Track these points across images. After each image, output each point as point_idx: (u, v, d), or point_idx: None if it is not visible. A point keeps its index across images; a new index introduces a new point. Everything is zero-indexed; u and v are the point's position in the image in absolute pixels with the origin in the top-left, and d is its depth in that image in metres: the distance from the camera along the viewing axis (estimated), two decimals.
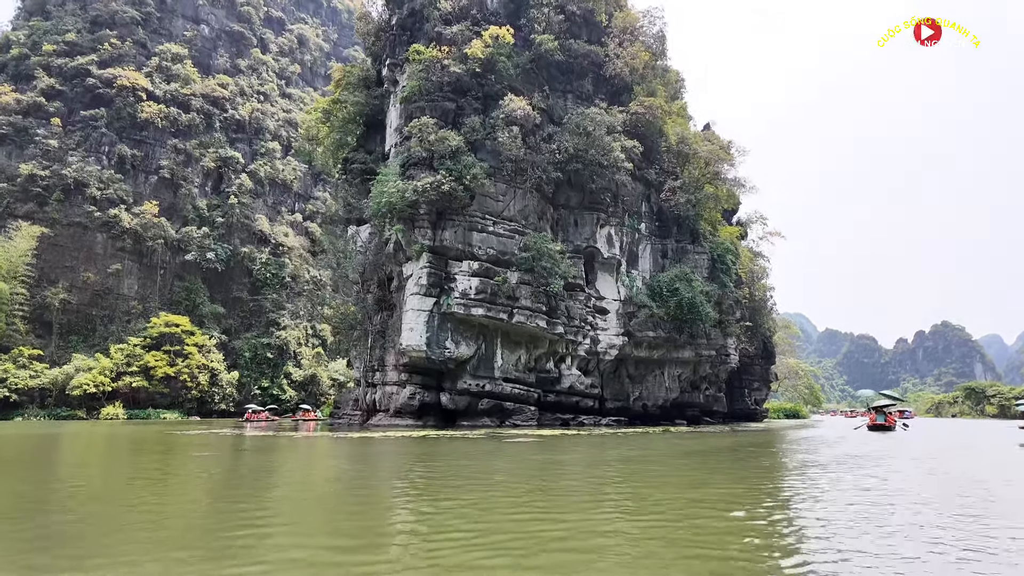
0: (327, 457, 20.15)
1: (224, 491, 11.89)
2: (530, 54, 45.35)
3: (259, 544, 7.02)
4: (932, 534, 7.80)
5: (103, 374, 75.91)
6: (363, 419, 46.19)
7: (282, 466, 17.09)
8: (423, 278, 39.38)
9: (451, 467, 16.06)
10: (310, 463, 18.32)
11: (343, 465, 17.31)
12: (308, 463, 18.31)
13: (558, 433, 32.07)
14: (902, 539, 7.49)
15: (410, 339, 39.39)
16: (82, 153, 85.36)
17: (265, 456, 20.09)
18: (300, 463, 18.19)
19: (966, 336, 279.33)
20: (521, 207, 41.97)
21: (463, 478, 13.41)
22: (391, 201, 37.63)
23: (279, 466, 17.06)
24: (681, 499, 10.56)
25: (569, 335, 44.00)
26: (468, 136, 40.91)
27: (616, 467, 16.32)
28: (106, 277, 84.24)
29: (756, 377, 62.19)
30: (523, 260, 40.40)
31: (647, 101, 48.57)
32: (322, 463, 18.22)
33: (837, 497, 10.94)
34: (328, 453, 21.40)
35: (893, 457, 20.53)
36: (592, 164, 43.64)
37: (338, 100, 51.23)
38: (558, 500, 10.38)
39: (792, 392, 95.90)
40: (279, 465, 17.32)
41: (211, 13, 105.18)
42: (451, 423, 42.28)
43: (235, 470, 16.18)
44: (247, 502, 10.24)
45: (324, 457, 20.23)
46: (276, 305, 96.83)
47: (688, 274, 47.26)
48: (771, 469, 16.76)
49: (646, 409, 49.63)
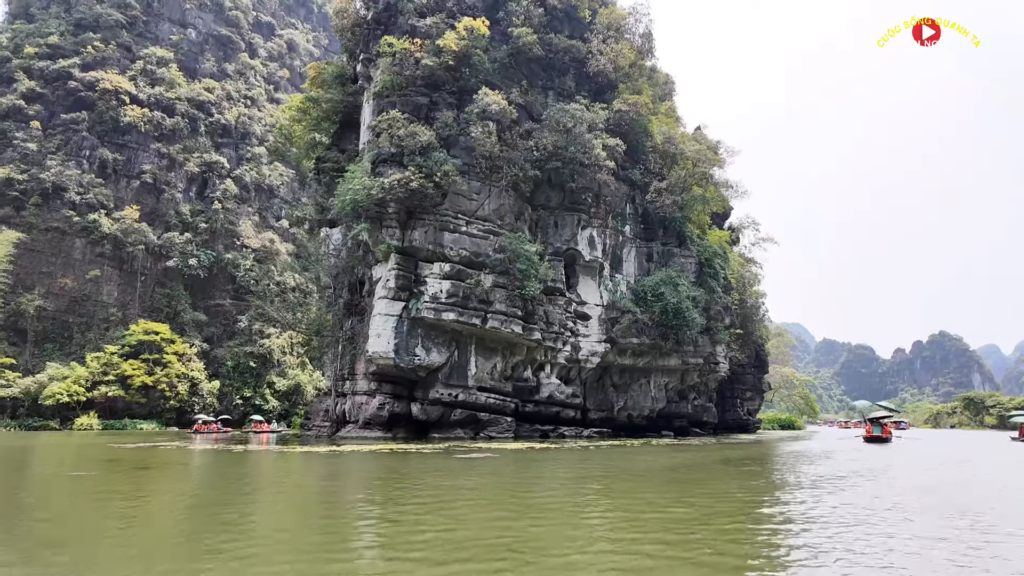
0: (232, 480, 17.94)
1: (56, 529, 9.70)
2: (508, 48, 43.53)
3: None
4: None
5: (77, 383, 73.64)
6: (332, 431, 43.88)
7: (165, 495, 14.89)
8: (391, 281, 37.24)
9: (358, 508, 13.84)
10: (209, 490, 16.12)
11: (237, 497, 15.10)
12: (208, 489, 16.10)
13: (522, 447, 29.77)
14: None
15: (377, 346, 37.19)
16: (62, 157, 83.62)
17: (173, 477, 17.89)
18: (192, 489, 15.98)
19: (964, 346, 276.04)
20: (496, 206, 39.90)
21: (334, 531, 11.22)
22: (356, 199, 35.59)
23: (160, 493, 14.86)
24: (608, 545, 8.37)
25: (548, 342, 41.80)
26: (441, 132, 38.96)
27: (541, 494, 14.11)
28: (84, 283, 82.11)
29: (748, 387, 59.79)
30: (498, 262, 38.27)
31: (631, 99, 46.69)
32: (220, 492, 16.01)
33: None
34: (239, 475, 19.18)
35: (881, 478, 18.30)
36: (572, 162, 41.67)
37: (312, 98, 49.42)
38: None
39: (787, 402, 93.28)
40: (163, 491, 15.13)
41: (198, 17, 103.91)
42: (423, 435, 40.02)
43: (115, 498, 13.97)
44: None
45: (232, 480, 18.02)
46: (260, 313, 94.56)
47: (674, 278, 45.10)
48: (731, 496, 14.54)
49: (631, 420, 47.31)
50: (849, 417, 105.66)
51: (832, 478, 16.72)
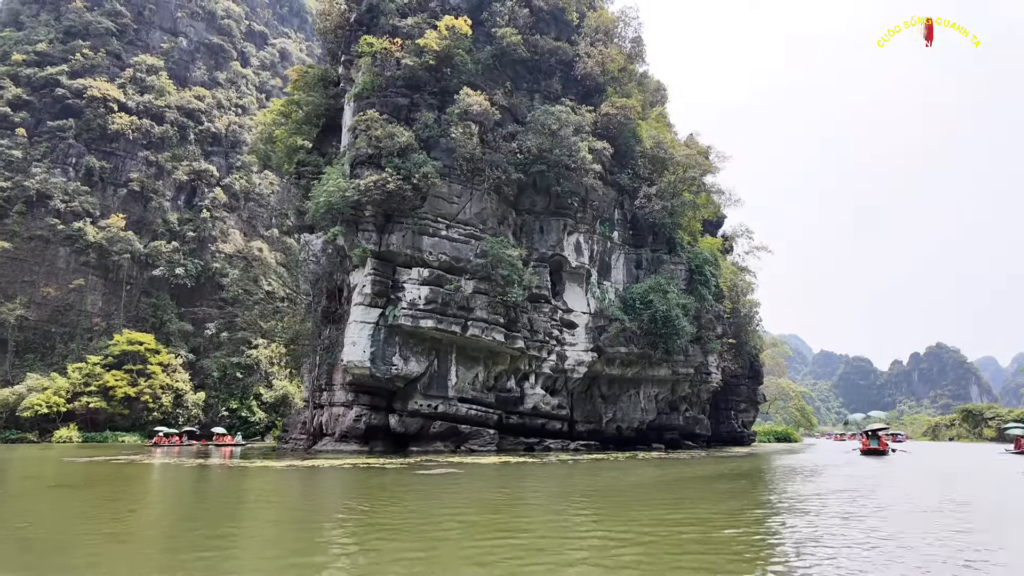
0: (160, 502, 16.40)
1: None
2: (492, 49, 42.41)
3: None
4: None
5: (58, 395, 71.96)
6: (308, 444, 42.23)
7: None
8: (367, 287, 35.79)
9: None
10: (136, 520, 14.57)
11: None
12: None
13: (495, 461, 28.20)
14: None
15: (352, 354, 35.66)
16: (47, 164, 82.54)
17: (72, 499, 16.35)
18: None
19: (961, 358, 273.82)
20: (478, 210, 38.57)
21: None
22: (331, 201, 34.26)
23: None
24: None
25: (532, 350, 40.30)
26: (420, 133, 37.73)
27: (492, 514, 12.65)
28: (67, 293, 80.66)
29: (742, 398, 58.16)
30: (479, 267, 36.86)
31: (620, 102, 45.55)
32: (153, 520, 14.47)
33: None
34: (157, 494, 17.64)
35: (874, 495, 16.83)
36: (557, 165, 40.40)
37: (294, 101, 48.28)
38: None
39: (783, 414, 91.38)
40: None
41: (190, 26, 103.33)
42: (402, 447, 38.41)
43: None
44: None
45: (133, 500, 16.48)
46: (231, 322, 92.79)
47: (664, 285, 43.67)
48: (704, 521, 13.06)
49: (620, 432, 45.69)
50: (846, 430, 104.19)
51: (818, 497, 15.24)
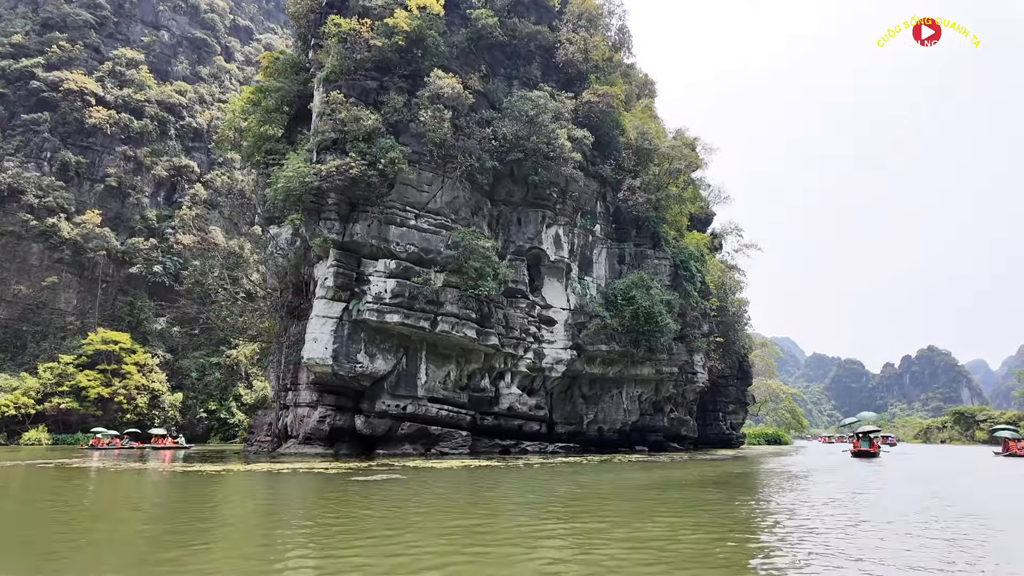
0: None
1: None
2: (467, 32, 40.52)
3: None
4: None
5: (27, 395, 69.68)
6: (273, 446, 40.13)
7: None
8: (329, 279, 33.72)
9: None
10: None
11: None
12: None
13: (455, 465, 26.18)
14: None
15: (313, 351, 33.56)
16: (21, 159, 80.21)
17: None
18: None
19: (952, 361, 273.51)
20: (450, 199, 36.58)
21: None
22: (290, 187, 32.22)
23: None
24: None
25: (508, 348, 38.27)
26: (389, 117, 35.73)
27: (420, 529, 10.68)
28: (40, 290, 78.24)
29: (731, 399, 56.18)
30: (449, 259, 34.84)
31: (602, 89, 43.73)
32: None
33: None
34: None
35: (865, 499, 14.93)
36: (535, 154, 38.48)
37: (263, 88, 46.20)
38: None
39: (774, 416, 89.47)
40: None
41: (172, 19, 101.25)
42: (370, 450, 36.32)
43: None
44: None
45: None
46: (228, 322, 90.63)
47: (647, 281, 41.72)
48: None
49: (602, 434, 43.66)
50: (842, 433, 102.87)
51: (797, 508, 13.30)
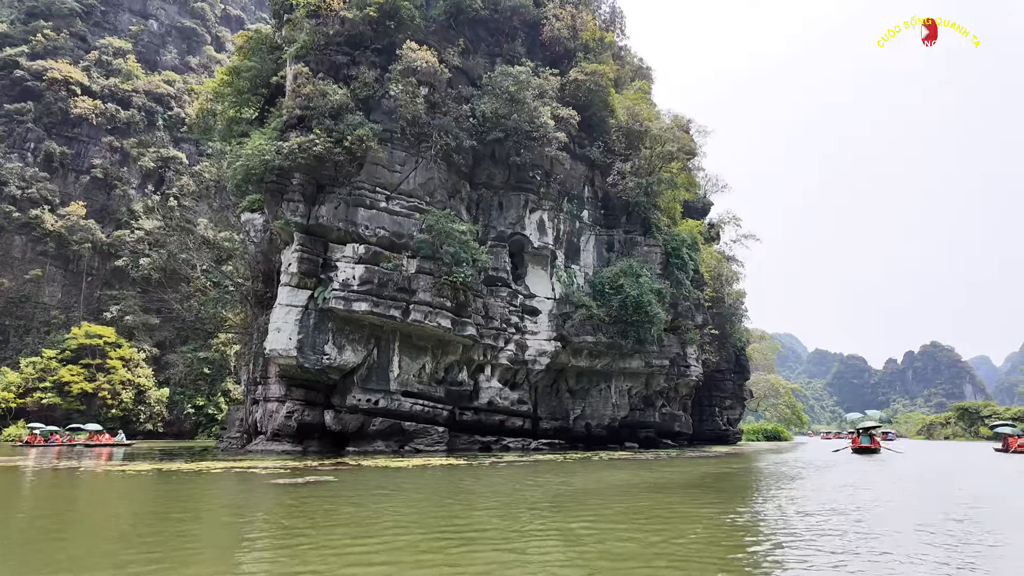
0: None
1: None
2: (445, 4, 38.27)
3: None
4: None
5: (8, 390, 68.26)
6: (242, 443, 38.15)
7: None
8: (294, 265, 31.61)
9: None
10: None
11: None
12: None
13: (420, 463, 24.07)
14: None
15: (276, 342, 31.47)
16: (4, 149, 78.56)
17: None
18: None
19: (955, 357, 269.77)
20: (424, 180, 34.40)
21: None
22: (249, 166, 30.14)
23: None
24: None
25: (487, 339, 36.14)
26: (359, 92, 33.55)
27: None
28: (23, 284, 76.68)
29: (727, 394, 53.89)
30: (422, 244, 32.73)
31: (590, 67, 41.44)
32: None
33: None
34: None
35: (861, 511, 12.78)
36: (517, 133, 36.27)
37: (236, 68, 44.10)
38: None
39: (774, 411, 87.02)
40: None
41: (161, 8, 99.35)
42: (341, 447, 34.29)
43: None
44: None
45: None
46: (216, 316, 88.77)
47: (636, 269, 39.46)
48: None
49: (590, 430, 41.48)
50: (842, 428, 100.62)
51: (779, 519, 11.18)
